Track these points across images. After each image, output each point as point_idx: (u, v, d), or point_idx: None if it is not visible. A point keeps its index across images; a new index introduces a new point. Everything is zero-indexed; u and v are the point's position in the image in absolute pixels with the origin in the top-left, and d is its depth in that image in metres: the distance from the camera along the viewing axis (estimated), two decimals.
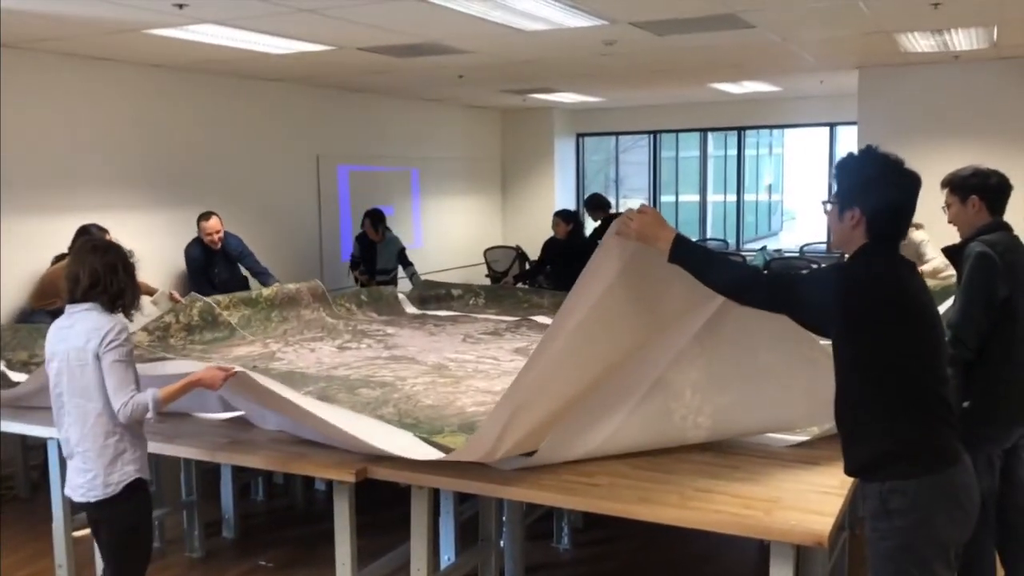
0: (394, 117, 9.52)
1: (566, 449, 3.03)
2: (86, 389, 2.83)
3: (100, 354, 2.79)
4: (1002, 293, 3.14)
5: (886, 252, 2.32)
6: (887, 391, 2.25)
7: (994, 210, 3.30)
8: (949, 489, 2.25)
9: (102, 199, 6.29)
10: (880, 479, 2.27)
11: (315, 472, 3.34)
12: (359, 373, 4.62)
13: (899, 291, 2.27)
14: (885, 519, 2.27)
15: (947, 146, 7.46)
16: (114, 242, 3.00)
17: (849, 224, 2.31)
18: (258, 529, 4.68)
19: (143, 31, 5.22)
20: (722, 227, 12.47)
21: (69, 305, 2.90)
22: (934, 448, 2.26)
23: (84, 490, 2.89)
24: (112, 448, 2.86)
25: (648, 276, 2.73)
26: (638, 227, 2.52)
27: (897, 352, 2.23)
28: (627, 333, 2.94)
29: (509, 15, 4.98)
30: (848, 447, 2.37)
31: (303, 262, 8.21)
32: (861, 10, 5.10)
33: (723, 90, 9.37)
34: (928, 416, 2.27)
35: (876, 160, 2.33)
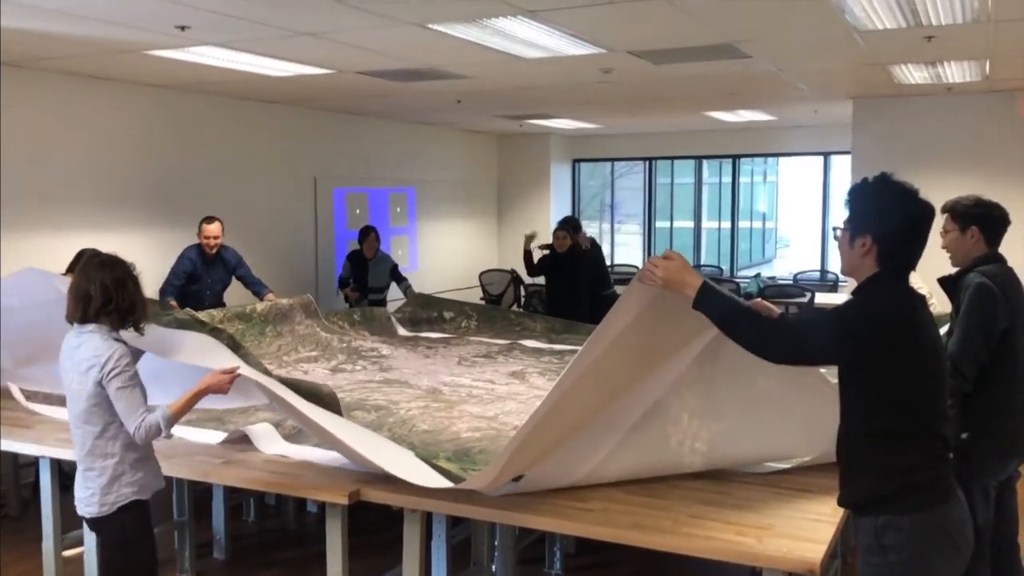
0: (392, 140, 9.58)
1: (558, 476, 3.03)
2: (84, 413, 2.84)
3: (104, 383, 2.78)
4: (1002, 325, 3.16)
5: (897, 283, 2.29)
6: (890, 427, 2.24)
7: (991, 242, 3.32)
8: (943, 526, 2.24)
9: (99, 218, 6.32)
10: (874, 514, 2.27)
11: (307, 494, 3.34)
12: (352, 396, 4.61)
13: (911, 327, 2.24)
14: (879, 554, 2.26)
15: (939, 176, 7.51)
16: (118, 257, 2.96)
17: (860, 252, 2.28)
18: (249, 550, 4.66)
19: (144, 52, 5.27)
20: (716, 253, 12.53)
21: (79, 325, 2.86)
22: (930, 486, 2.25)
23: (83, 504, 2.93)
24: (111, 470, 2.86)
25: (664, 319, 2.71)
26: (664, 273, 2.45)
27: (904, 389, 2.23)
28: (637, 370, 2.94)
29: (508, 42, 5.03)
30: (846, 480, 2.36)
31: (299, 283, 8.21)
32: (856, 42, 5.17)
33: (718, 118, 9.45)
34: (927, 453, 2.26)
35: (890, 188, 2.30)
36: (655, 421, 3.05)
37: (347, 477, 3.21)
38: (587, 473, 3.06)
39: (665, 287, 2.47)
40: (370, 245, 7.73)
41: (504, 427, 4.01)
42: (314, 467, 3.36)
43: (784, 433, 3.18)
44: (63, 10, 4.24)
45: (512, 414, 4.25)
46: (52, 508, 3.87)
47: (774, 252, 21.89)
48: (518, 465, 2.91)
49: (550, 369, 5.29)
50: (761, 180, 21.44)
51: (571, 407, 2.84)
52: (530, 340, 6.14)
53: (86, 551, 3.69)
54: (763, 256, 20.68)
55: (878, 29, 4.77)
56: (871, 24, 4.67)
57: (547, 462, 2.97)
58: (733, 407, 3.09)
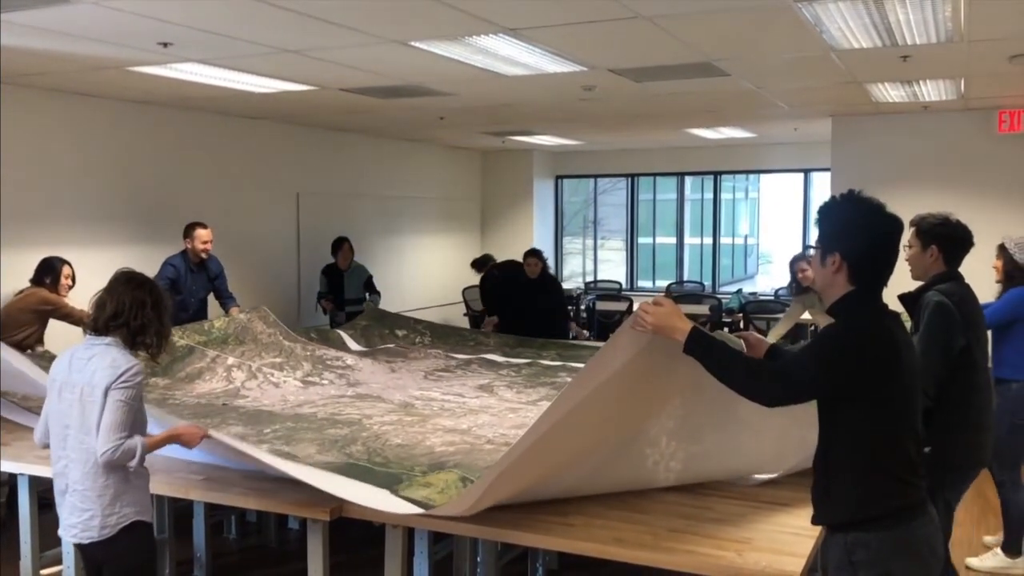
0: (375, 156, 9.60)
1: (538, 492, 3.05)
2: (91, 427, 2.75)
3: (109, 390, 2.72)
4: (960, 343, 3.23)
5: (870, 301, 2.31)
6: (866, 449, 2.27)
7: (950, 261, 3.39)
8: (911, 543, 2.28)
9: (79, 234, 6.29)
10: (844, 531, 2.31)
11: (288, 510, 3.33)
12: (325, 411, 4.62)
13: (891, 352, 2.26)
14: (848, 569, 2.30)
15: (917, 193, 7.61)
16: (151, 279, 2.94)
17: (831, 269, 2.31)
18: (230, 568, 4.63)
19: (127, 68, 5.27)
20: (699, 269, 12.61)
21: (91, 336, 2.84)
22: (900, 505, 2.28)
23: (78, 530, 2.82)
24: (112, 488, 2.79)
25: (653, 363, 2.72)
26: (655, 320, 2.48)
27: (882, 412, 2.26)
28: (624, 409, 2.97)
29: (490, 60, 5.07)
30: (820, 500, 2.40)
31: (282, 299, 8.21)
32: (833, 62, 5.24)
33: (699, 135, 9.53)
34: (900, 472, 2.29)
35: (856, 204, 2.33)
36: (635, 443, 3.10)
37: (329, 494, 3.20)
38: (564, 489, 3.10)
39: (656, 332, 2.50)
40: (344, 256, 7.79)
41: (478, 440, 4.05)
42: (295, 483, 3.35)
43: (757, 453, 3.26)
44: (45, 27, 4.25)
45: (485, 427, 4.31)
46: (30, 526, 3.83)
47: (756, 268, 22.02)
48: (498, 493, 2.91)
49: (516, 382, 5.40)
50: (743, 196, 21.61)
51: (555, 443, 2.85)
52: (489, 354, 6.26)
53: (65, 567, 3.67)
54: (745, 272, 20.80)
55: (854, 48, 4.85)
56: (847, 44, 4.74)
57: (527, 483, 2.98)
58: (711, 432, 3.15)
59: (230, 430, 4.23)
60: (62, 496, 2.86)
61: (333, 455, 3.80)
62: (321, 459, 3.74)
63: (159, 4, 3.86)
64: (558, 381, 5.41)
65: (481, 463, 3.57)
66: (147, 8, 3.92)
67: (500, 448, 3.87)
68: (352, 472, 3.51)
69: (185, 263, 6.37)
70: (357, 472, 3.52)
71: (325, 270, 7.93)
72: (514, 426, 4.34)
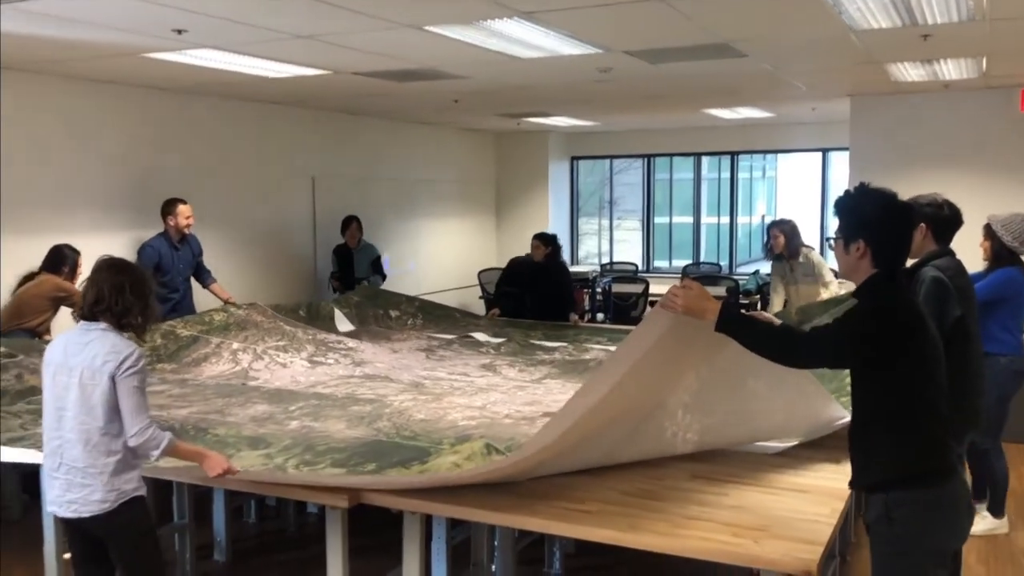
0: (389, 139, 9.59)
1: (566, 460, 3.18)
2: (93, 408, 2.85)
3: (117, 377, 2.82)
4: (955, 314, 3.39)
5: (893, 280, 2.51)
6: (903, 412, 2.45)
7: (940, 239, 3.59)
8: (945, 501, 2.46)
9: (95, 220, 6.31)
10: (884, 491, 2.48)
11: (307, 497, 3.36)
12: (338, 391, 4.75)
13: (917, 321, 2.46)
14: (886, 526, 2.48)
15: (937, 172, 7.54)
16: (131, 263, 3.05)
17: (855, 256, 2.51)
18: (250, 552, 4.67)
19: (142, 55, 5.27)
20: (715, 249, 12.52)
21: (84, 321, 2.92)
22: (935, 465, 2.47)
23: (78, 505, 2.89)
24: (112, 466, 2.88)
25: (675, 343, 2.90)
26: (684, 302, 2.67)
27: (913, 377, 2.44)
28: (653, 384, 3.17)
29: (505, 43, 5.04)
30: (859, 466, 2.57)
31: (298, 282, 8.25)
32: (852, 42, 5.18)
33: (717, 115, 9.45)
34: (933, 436, 2.48)
35: (871, 195, 2.55)
36: (654, 416, 3.30)
37: None
38: (587, 460, 3.25)
39: (686, 313, 2.69)
40: (352, 234, 7.87)
41: (496, 415, 4.20)
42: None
43: (767, 424, 3.49)
44: (62, 15, 4.25)
45: (498, 404, 4.46)
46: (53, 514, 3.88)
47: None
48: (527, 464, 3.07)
49: (517, 361, 5.59)
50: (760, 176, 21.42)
51: (586, 419, 3.02)
52: (477, 333, 6.50)
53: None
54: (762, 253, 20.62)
55: (874, 28, 4.78)
56: (867, 24, 4.68)
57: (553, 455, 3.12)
58: (724, 404, 3.36)
59: (255, 408, 4.40)
60: (54, 473, 2.93)
61: (362, 430, 3.94)
62: (351, 434, 3.86)
63: None
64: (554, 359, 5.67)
65: (505, 435, 3.73)
66: None
67: (519, 423, 4.04)
68: (383, 447, 3.64)
69: (167, 243, 6.32)
70: (387, 447, 3.64)
71: (336, 249, 8.00)
72: (525, 403, 4.49)
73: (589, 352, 5.93)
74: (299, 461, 3.50)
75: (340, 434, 3.88)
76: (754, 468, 3.31)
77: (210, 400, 4.53)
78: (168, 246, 6.31)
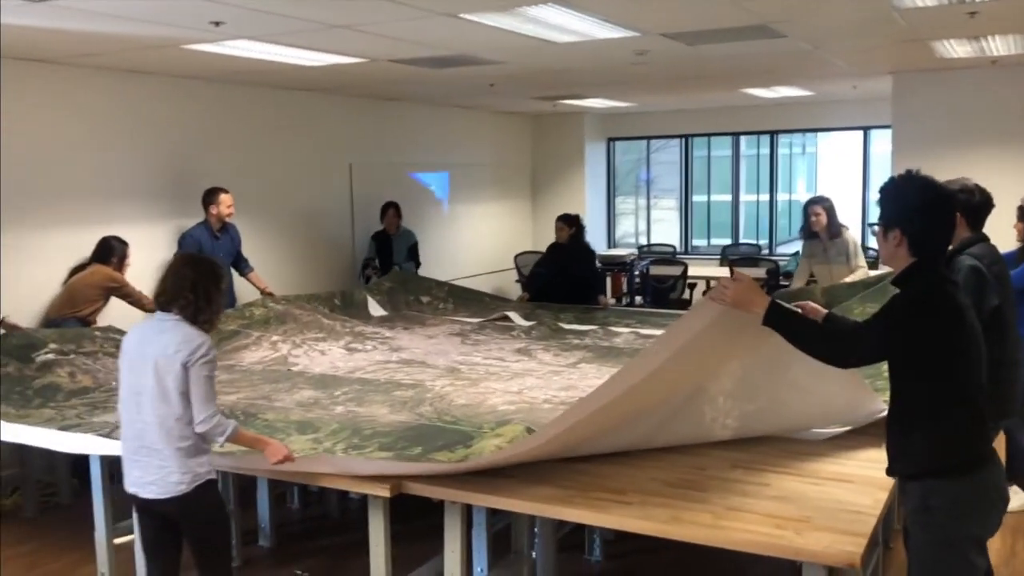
0: (425, 125, 9.59)
1: (607, 440, 3.24)
2: (168, 395, 2.96)
3: (188, 366, 2.94)
4: (993, 302, 3.38)
5: (934, 272, 2.52)
6: (938, 401, 2.47)
7: (973, 226, 3.56)
8: (982, 488, 2.48)
9: (133, 210, 6.38)
10: (921, 479, 2.51)
11: (350, 487, 3.39)
12: (376, 376, 4.83)
13: (955, 312, 2.47)
14: (925, 514, 2.50)
15: (982, 150, 7.39)
16: (207, 258, 3.17)
17: (893, 243, 2.53)
18: (294, 538, 4.75)
19: (180, 46, 5.32)
20: (755, 229, 12.34)
21: (159, 312, 3.05)
22: (971, 453, 2.49)
23: (156, 487, 3.01)
24: (187, 450, 3.00)
25: (721, 332, 2.94)
26: (733, 295, 2.73)
27: (950, 368, 2.46)
28: (695, 372, 3.22)
29: (541, 28, 5.00)
30: (896, 452, 2.59)
31: (336, 268, 8.31)
32: (895, 20, 5.06)
33: (755, 94, 9.33)
34: (970, 425, 2.50)
35: (913, 183, 2.56)
36: (695, 401, 3.33)
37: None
38: (628, 443, 3.30)
39: (734, 306, 2.74)
40: (390, 221, 7.94)
41: (535, 400, 4.26)
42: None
43: (806, 413, 3.50)
44: (104, 11, 4.31)
45: (535, 388, 4.51)
46: (103, 498, 3.98)
47: None
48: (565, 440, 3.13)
49: (551, 346, 5.64)
50: (800, 152, 21.09)
51: (625, 400, 3.08)
52: (511, 311, 6.67)
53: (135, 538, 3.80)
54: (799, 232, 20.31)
55: (918, 7, 4.68)
56: (911, 2, 4.57)
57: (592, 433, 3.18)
58: (764, 392, 3.38)
59: (301, 394, 4.50)
60: (134, 455, 3.05)
61: (405, 415, 4.02)
62: (394, 419, 3.94)
63: None
64: (586, 343, 5.71)
65: (544, 419, 3.76)
66: None
67: (557, 407, 4.07)
68: (427, 431, 3.70)
69: (207, 232, 6.39)
70: (431, 431, 3.70)
71: (375, 235, 8.06)
72: (561, 388, 4.54)
73: (619, 336, 5.94)
74: (347, 445, 3.57)
75: (384, 418, 3.96)
76: (796, 457, 3.29)
77: (257, 386, 4.63)
78: (208, 235, 6.39)
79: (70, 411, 4.20)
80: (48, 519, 4.99)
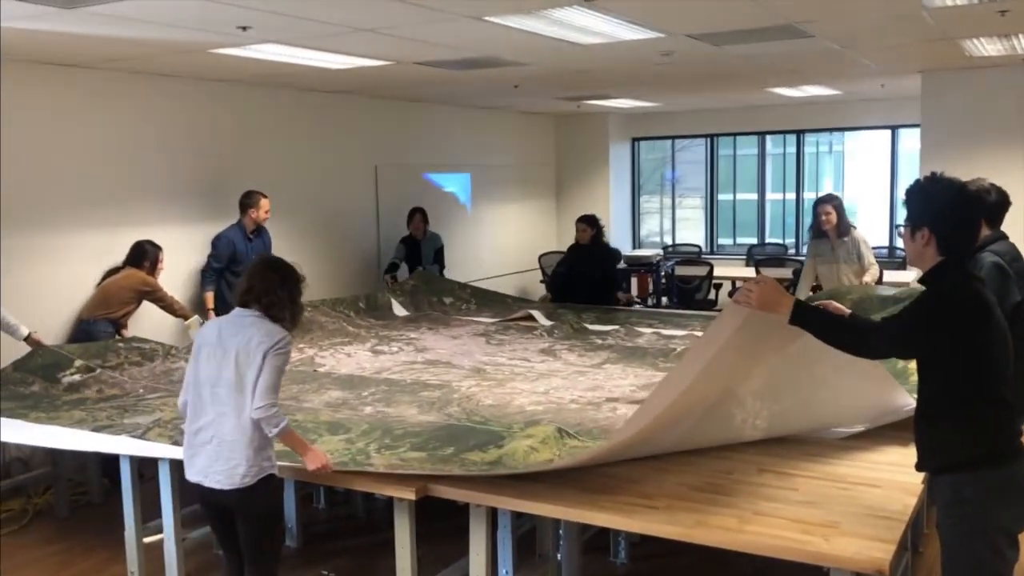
0: (450, 125, 9.62)
1: (643, 447, 3.27)
2: (245, 387, 3.05)
3: (268, 353, 3.05)
4: (1015, 298, 3.41)
5: (958, 269, 2.56)
6: (967, 396, 2.49)
7: (992, 224, 3.61)
8: (1012, 481, 2.50)
9: (161, 213, 6.44)
10: (952, 473, 2.52)
11: (375, 488, 3.42)
12: (403, 376, 4.87)
13: (982, 308, 2.49)
14: (957, 507, 2.50)
15: (1013, 149, 7.28)
16: (285, 262, 3.29)
17: (921, 243, 2.56)
18: (320, 538, 4.78)
19: (208, 51, 5.37)
20: (781, 228, 12.24)
21: (239, 308, 3.18)
22: (1000, 446, 2.50)
23: (223, 477, 3.08)
24: (257, 441, 3.08)
25: (757, 333, 2.96)
26: (758, 297, 2.75)
27: (977, 363, 2.48)
28: (727, 375, 3.24)
29: (565, 30, 5.00)
30: (925, 449, 2.61)
31: (362, 270, 8.34)
32: (924, 19, 5.01)
33: (782, 94, 9.26)
34: (997, 419, 2.51)
35: (940, 185, 2.60)
36: (724, 404, 3.35)
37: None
38: (662, 447, 3.33)
39: (760, 309, 2.76)
40: (416, 226, 7.99)
41: (561, 400, 4.29)
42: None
43: (834, 410, 3.52)
44: (134, 17, 4.35)
45: (561, 389, 4.54)
46: (133, 499, 4.02)
47: None
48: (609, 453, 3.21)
49: (576, 346, 5.68)
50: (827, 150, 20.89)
51: (667, 411, 3.15)
52: (534, 309, 6.73)
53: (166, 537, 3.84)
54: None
55: (948, 6, 4.62)
56: (940, 1, 4.52)
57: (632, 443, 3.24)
58: (792, 392, 3.40)
59: (329, 394, 4.55)
60: (203, 446, 3.13)
61: (434, 415, 4.04)
62: (423, 419, 3.97)
63: None
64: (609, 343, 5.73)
65: (572, 419, 3.85)
66: None
67: (584, 408, 4.13)
68: (457, 431, 3.73)
69: (241, 233, 6.45)
70: (461, 431, 3.72)
71: (403, 240, 8.10)
72: (588, 388, 4.56)
73: (643, 336, 5.94)
74: (379, 445, 3.59)
75: (413, 419, 4.00)
76: (824, 462, 3.27)
77: (284, 387, 4.64)
78: (242, 236, 6.46)
79: (100, 413, 4.26)
80: (79, 518, 5.06)
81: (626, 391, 4.49)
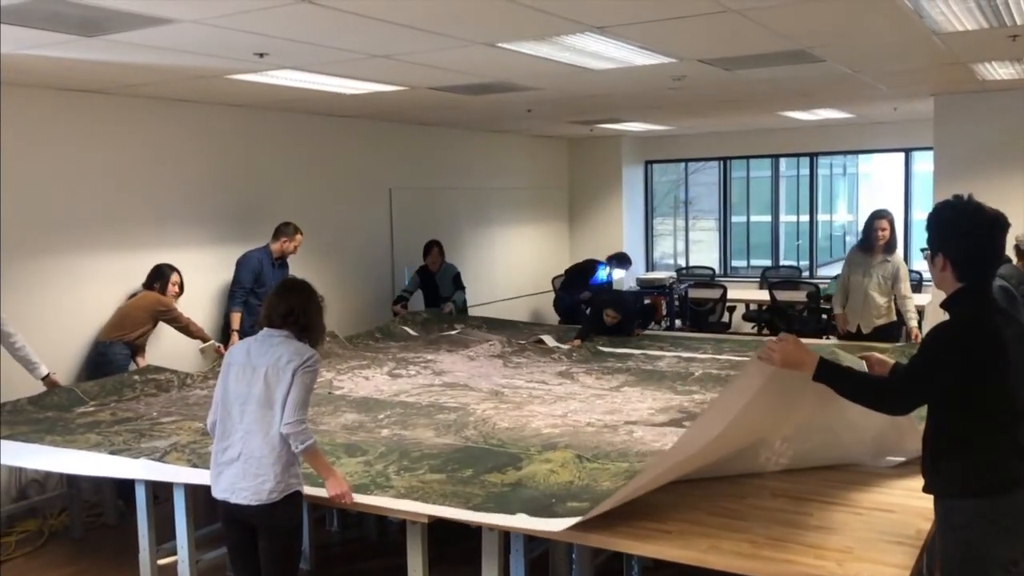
0: (463, 149, 9.68)
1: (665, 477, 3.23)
2: (274, 404, 3.11)
3: (298, 370, 3.12)
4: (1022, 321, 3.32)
5: (980, 298, 2.55)
6: (969, 432, 2.49)
7: None
8: (1001, 512, 2.47)
9: (178, 236, 6.50)
10: (949, 497, 2.54)
11: (388, 512, 3.43)
12: (420, 400, 4.86)
13: (996, 344, 2.47)
14: (950, 532, 2.53)
15: None
16: (310, 285, 3.37)
17: (939, 268, 2.59)
18: (333, 560, 4.78)
19: (225, 76, 5.45)
20: (795, 250, 12.23)
21: (268, 328, 3.26)
22: (995, 478, 2.48)
23: (249, 493, 3.11)
24: (285, 457, 3.12)
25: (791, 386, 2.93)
26: (781, 355, 2.75)
27: (986, 400, 2.47)
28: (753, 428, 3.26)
29: (578, 56, 5.05)
30: (928, 471, 2.60)
31: (376, 294, 8.38)
32: (935, 44, 5.03)
33: (794, 117, 9.28)
34: (999, 451, 2.49)
35: (955, 209, 2.59)
36: (752, 446, 3.37)
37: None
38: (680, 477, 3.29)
39: (783, 366, 2.76)
40: (433, 259, 8.04)
41: (578, 424, 4.29)
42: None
43: (857, 450, 3.48)
44: (153, 44, 4.43)
45: (579, 412, 4.56)
46: (147, 521, 4.05)
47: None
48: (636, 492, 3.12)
49: (593, 369, 5.71)
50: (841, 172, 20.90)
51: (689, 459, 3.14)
52: (545, 336, 6.82)
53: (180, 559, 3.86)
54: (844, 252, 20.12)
55: (958, 31, 4.64)
56: (951, 27, 4.54)
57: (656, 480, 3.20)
58: (818, 433, 3.36)
59: (345, 417, 4.59)
60: (231, 463, 3.16)
61: (450, 438, 4.06)
62: (440, 442, 3.98)
63: (256, 19, 3.98)
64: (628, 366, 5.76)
65: (589, 444, 3.87)
66: (245, 23, 4.04)
67: (601, 431, 4.15)
68: (474, 453, 3.76)
69: (268, 258, 6.55)
70: (479, 453, 3.75)
71: (419, 270, 8.15)
72: (605, 411, 4.57)
73: (662, 360, 5.94)
74: (398, 467, 3.62)
75: (430, 441, 4.02)
76: (838, 487, 3.27)
77: None
78: (268, 260, 6.56)
79: (116, 437, 4.29)
80: (94, 540, 5.08)
81: (644, 414, 4.49)
